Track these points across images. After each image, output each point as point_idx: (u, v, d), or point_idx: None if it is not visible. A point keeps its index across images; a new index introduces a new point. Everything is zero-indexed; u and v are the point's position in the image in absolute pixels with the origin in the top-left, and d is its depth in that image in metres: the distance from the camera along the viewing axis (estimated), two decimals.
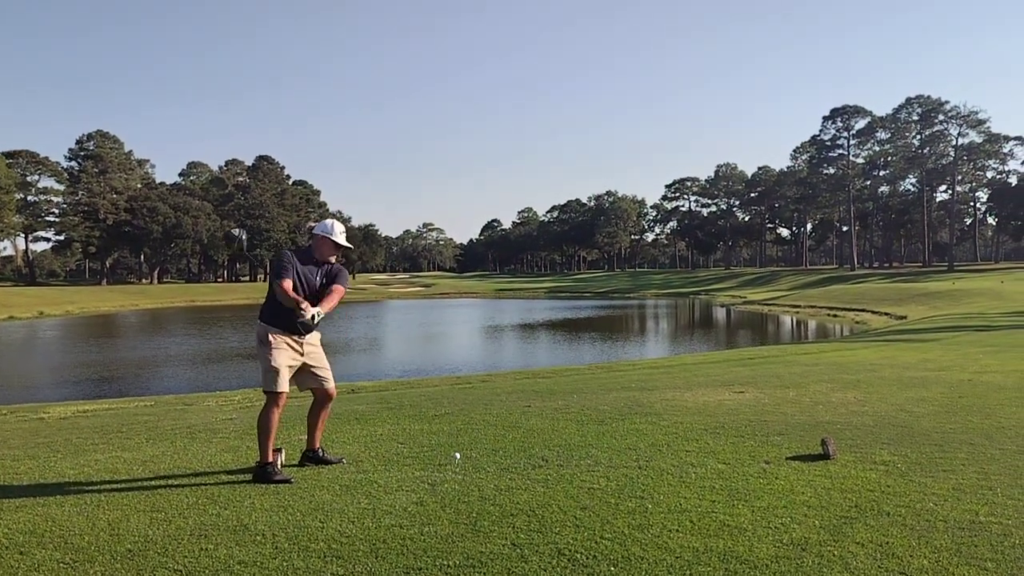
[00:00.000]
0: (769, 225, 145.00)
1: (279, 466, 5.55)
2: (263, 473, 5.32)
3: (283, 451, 5.80)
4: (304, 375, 5.68)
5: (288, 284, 5.40)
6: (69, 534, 4.21)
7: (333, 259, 5.78)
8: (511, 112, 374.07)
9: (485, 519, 4.30)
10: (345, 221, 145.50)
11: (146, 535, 4.16)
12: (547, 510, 4.45)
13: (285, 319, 5.47)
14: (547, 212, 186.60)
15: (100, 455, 6.48)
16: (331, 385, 5.86)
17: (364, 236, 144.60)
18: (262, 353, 5.50)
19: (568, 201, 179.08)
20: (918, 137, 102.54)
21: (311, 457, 5.82)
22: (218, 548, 3.93)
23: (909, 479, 4.96)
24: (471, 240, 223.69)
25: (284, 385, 5.46)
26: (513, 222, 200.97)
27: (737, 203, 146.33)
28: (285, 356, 5.48)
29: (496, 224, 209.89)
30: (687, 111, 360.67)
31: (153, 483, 5.35)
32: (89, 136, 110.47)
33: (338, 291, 5.63)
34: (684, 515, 4.30)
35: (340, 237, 5.69)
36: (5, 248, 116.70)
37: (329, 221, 5.76)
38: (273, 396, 5.46)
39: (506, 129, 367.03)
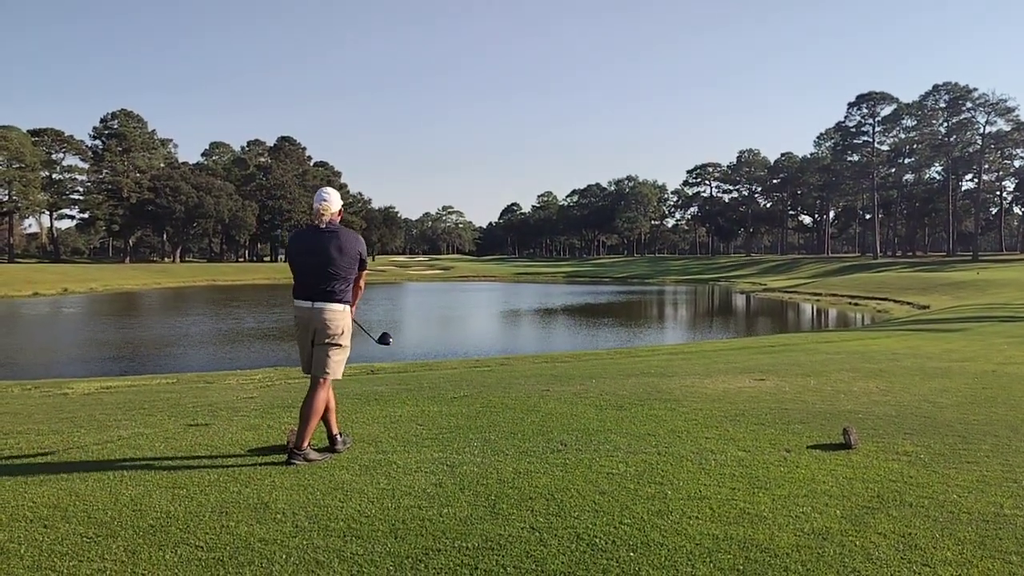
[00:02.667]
0: (791, 212, 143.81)
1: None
2: (302, 453, 5.28)
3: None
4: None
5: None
6: (92, 509, 4.26)
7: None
8: (533, 96, 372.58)
9: (504, 502, 4.30)
10: (366, 203, 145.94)
11: (168, 511, 4.20)
12: (566, 494, 4.44)
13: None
14: (567, 196, 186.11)
15: (123, 431, 6.54)
16: None
17: (384, 218, 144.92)
18: (347, 340, 5.50)
19: (588, 185, 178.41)
20: (944, 125, 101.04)
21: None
22: (239, 525, 3.96)
23: (932, 470, 4.91)
24: (490, 223, 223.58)
25: None
26: (533, 206, 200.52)
27: (759, 189, 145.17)
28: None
29: (516, 208, 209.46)
30: (710, 97, 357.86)
31: (175, 460, 5.40)
32: (113, 115, 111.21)
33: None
34: (704, 502, 4.28)
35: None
36: (30, 225, 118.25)
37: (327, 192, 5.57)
38: (333, 381, 5.50)
39: (528, 113, 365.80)
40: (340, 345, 5.42)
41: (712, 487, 4.57)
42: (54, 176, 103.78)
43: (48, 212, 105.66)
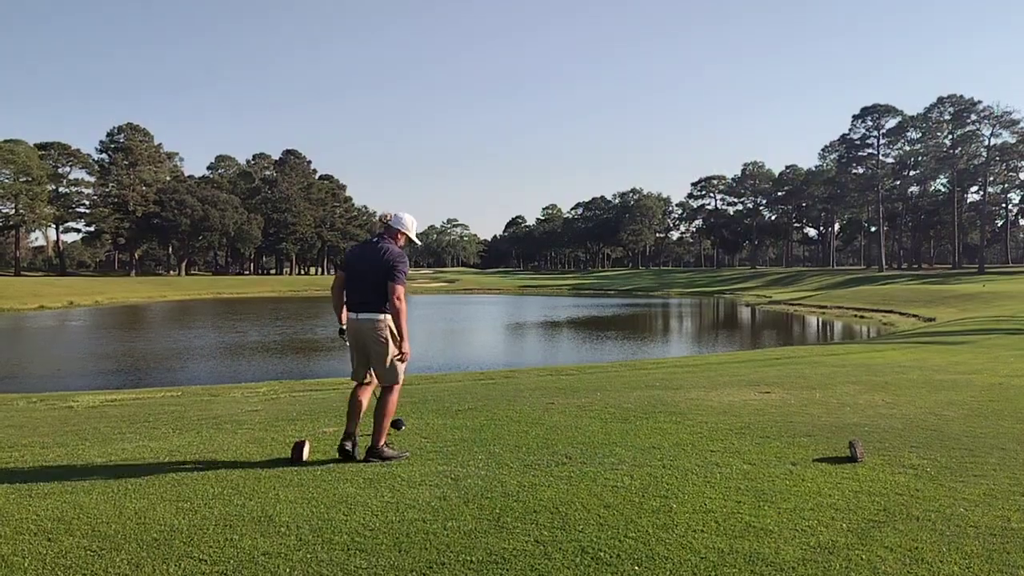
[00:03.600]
0: (796, 225, 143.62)
1: (303, 456, 5.60)
2: (378, 452, 5.63)
3: (308, 443, 5.83)
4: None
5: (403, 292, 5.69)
6: (97, 522, 4.26)
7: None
8: (538, 110, 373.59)
9: (508, 515, 4.29)
10: (371, 216, 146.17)
11: (172, 524, 4.20)
12: (571, 507, 4.43)
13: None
14: (572, 209, 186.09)
15: (128, 444, 6.55)
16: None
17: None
18: (393, 349, 5.67)
19: (593, 198, 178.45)
20: (949, 137, 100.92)
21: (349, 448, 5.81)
22: (243, 539, 3.96)
23: (939, 483, 4.89)
24: (495, 236, 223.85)
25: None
26: (537, 219, 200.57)
27: (764, 202, 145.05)
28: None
29: (520, 220, 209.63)
30: (714, 109, 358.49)
31: (179, 473, 5.40)
32: (120, 129, 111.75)
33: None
34: (709, 515, 4.26)
35: (413, 231, 6.03)
36: (37, 239, 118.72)
37: (413, 218, 6.04)
38: (399, 385, 5.80)
39: (532, 126, 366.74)
40: (386, 352, 5.74)
41: (718, 500, 4.55)
42: (60, 190, 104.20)
43: (54, 225, 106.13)
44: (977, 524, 4.07)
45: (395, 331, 5.65)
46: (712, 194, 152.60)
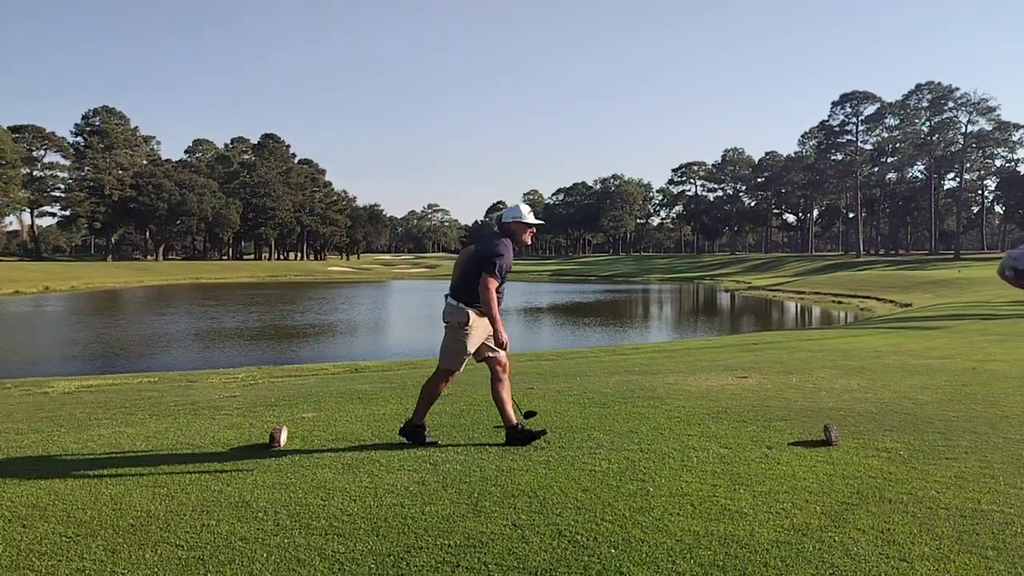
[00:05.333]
0: (775, 211, 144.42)
1: (280, 442, 5.59)
2: (415, 433, 5.60)
3: (285, 429, 5.82)
4: (481, 347, 5.73)
5: (495, 285, 5.51)
6: (72, 508, 4.23)
7: (529, 241, 5.93)
8: (519, 94, 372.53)
9: (486, 499, 4.31)
10: (351, 200, 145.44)
11: (148, 510, 4.18)
12: (548, 491, 4.45)
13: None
14: (552, 195, 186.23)
15: (104, 430, 6.50)
16: (503, 356, 5.84)
17: (369, 216, 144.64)
18: (459, 335, 5.58)
19: (574, 184, 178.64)
20: (927, 124, 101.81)
21: (515, 435, 5.66)
22: (220, 524, 3.95)
23: (911, 466, 4.96)
24: (476, 221, 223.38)
25: (462, 366, 5.70)
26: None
27: (744, 188, 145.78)
28: (478, 338, 5.62)
29: (501, 206, 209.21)
30: (695, 96, 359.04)
31: (156, 458, 5.37)
32: (95, 111, 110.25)
33: None
34: (685, 499, 4.30)
35: (531, 217, 5.81)
36: (11, 223, 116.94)
37: (521, 206, 5.85)
38: (451, 374, 5.68)
39: (513, 111, 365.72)
40: (446, 337, 5.72)
41: (694, 484, 4.59)
42: (35, 173, 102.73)
43: (29, 210, 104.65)
44: (948, 506, 4.14)
45: (460, 318, 5.57)
46: (692, 180, 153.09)
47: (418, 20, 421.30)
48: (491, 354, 5.73)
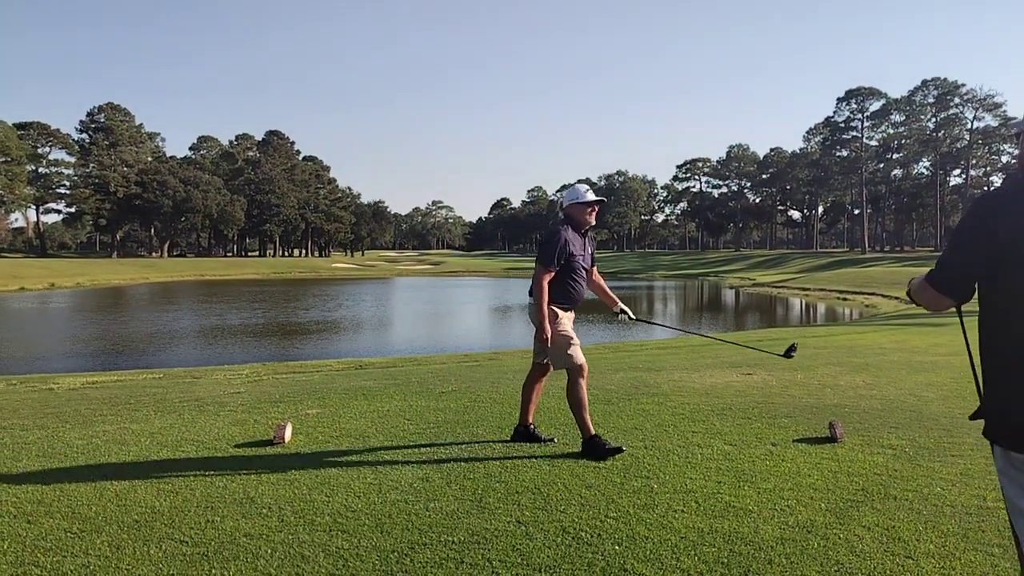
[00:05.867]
0: (780, 207, 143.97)
1: (285, 438, 5.59)
2: (594, 447, 5.17)
3: (290, 425, 5.82)
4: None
5: (546, 276, 5.35)
6: (77, 504, 4.24)
7: (593, 220, 5.73)
8: (524, 91, 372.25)
9: (490, 496, 4.31)
10: (355, 197, 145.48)
11: (153, 506, 4.19)
12: (552, 488, 4.45)
13: (570, 296, 5.48)
14: (557, 191, 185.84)
15: (108, 426, 6.52)
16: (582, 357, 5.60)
17: (374, 213, 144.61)
18: (555, 332, 5.34)
19: (578, 180, 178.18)
20: (933, 120, 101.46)
21: (523, 433, 5.59)
22: (224, 520, 3.95)
23: (917, 463, 4.94)
24: (480, 218, 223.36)
25: (583, 357, 5.42)
26: (522, 201, 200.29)
27: (748, 184, 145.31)
28: (570, 327, 5.45)
29: (505, 203, 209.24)
30: (700, 92, 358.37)
31: (161, 455, 5.38)
32: (100, 108, 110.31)
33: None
34: (689, 496, 4.30)
35: (589, 195, 5.66)
36: (16, 220, 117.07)
37: (578, 186, 5.70)
38: (579, 369, 5.37)
39: (518, 107, 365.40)
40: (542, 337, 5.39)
41: (698, 481, 4.58)
42: (40, 170, 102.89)
43: (34, 206, 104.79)
44: (953, 503, 4.13)
45: (550, 317, 5.36)
46: (697, 177, 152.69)
47: (423, 17, 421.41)
48: (543, 360, 5.49)
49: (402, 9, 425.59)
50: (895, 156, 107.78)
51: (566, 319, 5.44)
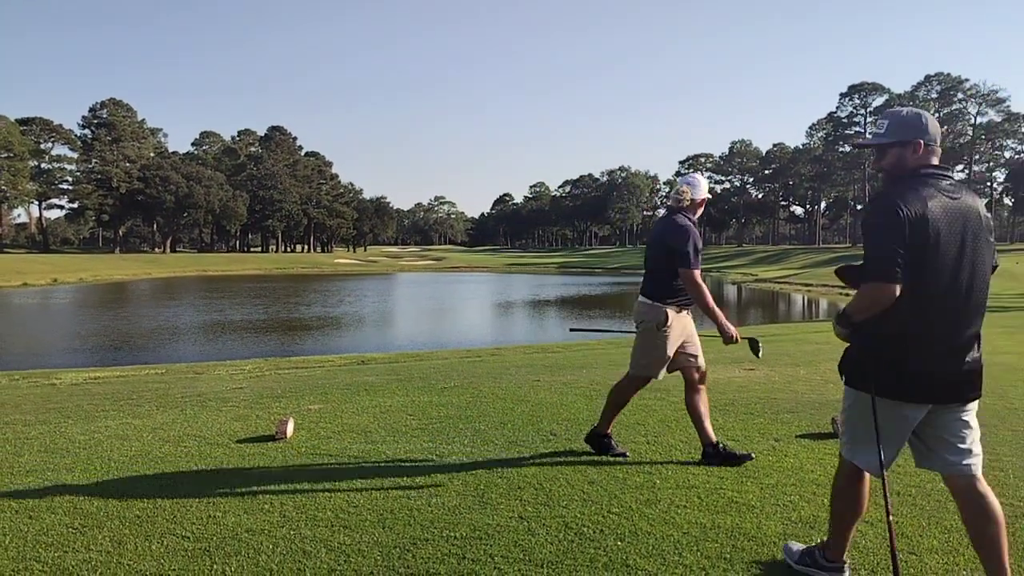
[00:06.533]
0: (783, 203, 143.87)
1: (287, 433, 5.58)
2: (601, 443, 5.07)
3: (292, 421, 5.82)
4: (677, 353, 5.02)
5: (699, 274, 4.92)
6: (79, 499, 4.24)
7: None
8: (526, 87, 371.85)
9: (492, 491, 4.30)
10: (357, 193, 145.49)
11: (155, 501, 4.19)
12: (555, 483, 4.44)
13: (685, 293, 4.96)
14: (559, 187, 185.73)
15: (111, 421, 6.52)
16: (703, 362, 5.12)
17: (376, 209, 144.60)
18: (656, 337, 4.89)
19: (581, 176, 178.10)
20: (936, 115, 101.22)
21: (714, 455, 4.91)
22: (226, 516, 3.95)
23: None
24: (482, 214, 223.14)
25: (663, 373, 4.98)
26: (525, 196, 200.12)
27: (751, 180, 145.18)
28: (676, 339, 4.94)
29: (508, 198, 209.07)
30: (703, 88, 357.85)
31: (162, 450, 5.37)
32: (102, 104, 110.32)
33: None
34: (692, 491, 4.29)
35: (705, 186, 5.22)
36: (19, 215, 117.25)
37: (699, 177, 5.26)
38: (644, 380, 5.05)
39: (520, 103, 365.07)
40: (640, 340, 5.01)
41: (701, 476, 4.57)
42: (43, 166, 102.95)
43: (37, 202, 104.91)
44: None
45: (658, 318, 4.87)
46: (700, 172, 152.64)
47: (424, 15, 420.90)
48: (690, 361, 5.04)
49: (404, 8, 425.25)
50: None
51: (678, 324, 4.96)
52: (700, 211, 5.19)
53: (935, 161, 2.99)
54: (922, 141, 2.96)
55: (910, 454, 5.03)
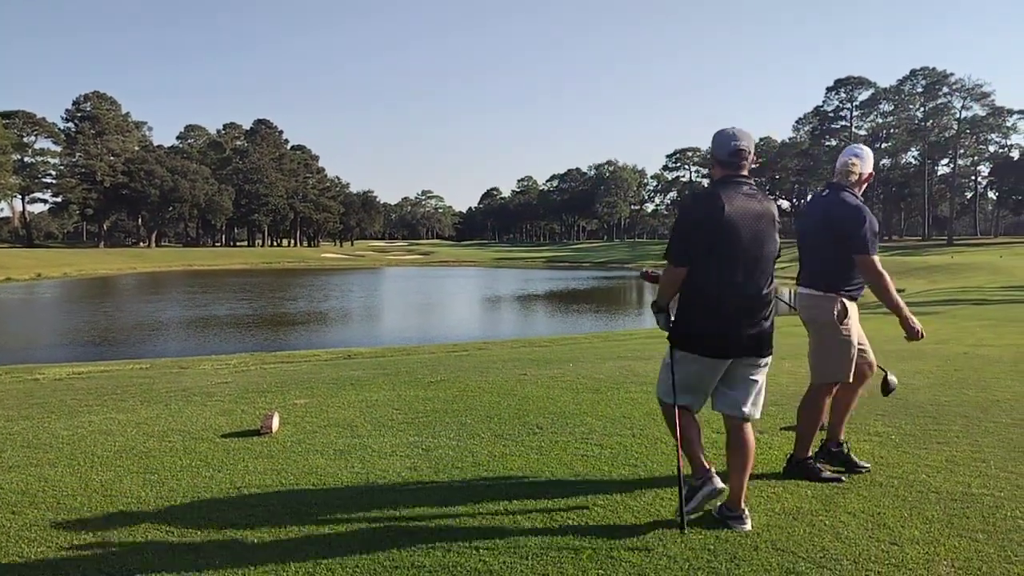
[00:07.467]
0: (770, 196, 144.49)
1: (272, 428, 5.56)
2: (807, 469, 4.40)
3: (277, 415, 5.80)
4: None
5: (878, 261, 4.35)
6: (62, 495, 4.22)
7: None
8: (513, 81, 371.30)
9: (478, 484, 4.31)
10: (344, 187, 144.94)
11: (139, 496, 4.17)
12: (540, 477, 4.45)
13: (858, 280, 4.42)
14: (547, 181, 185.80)
15: (94, 416, 6.48)
16: (872, 356, 4.66)
17: (363, 203, 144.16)
18: (835, 333, 4.38)
19: (568, 170, 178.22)
20: (921, 110, 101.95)
21: (834, 454, 4.58)
22: (211, 510, 3.94)
23: (903, 451, 4.97)
24: (470, 208, 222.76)
25: (852, 370, 4.44)
26: (512, 191, 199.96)
27: None
28: (856, 330, 4.47)
29: (495, 192, 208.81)
30: (689, 81, 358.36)
31: (147, 445, 5.35)
32: (86, 97, 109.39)
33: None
34: (676, 483, 4.29)
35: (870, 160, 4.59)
36: (2, 210, 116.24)
37: (854, 146, 4.64)
38: (832, 387, 4.50)
39: (507, 97, 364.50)
40: (816, 341, 4.55)
41: (686, 469, 4.58)
42: (26, 159, 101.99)
43: (20, 196, 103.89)
44: (939, 490, 4.15)
45: (838, 310, 4.37)
46: (687, 166, 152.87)
47: (410, 6, 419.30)
48: (863, 356, 4.56)
49: (392, 4, 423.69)
50: (884, 145, 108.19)
51: (856, 316, 4.49)
52: (863, 189, 4.56)
53: (741, 172, 3.71)
54: (718, 161, 3.73)
55: (879, 441, 5.09)
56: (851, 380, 4.47)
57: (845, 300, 4.37)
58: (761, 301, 3.67)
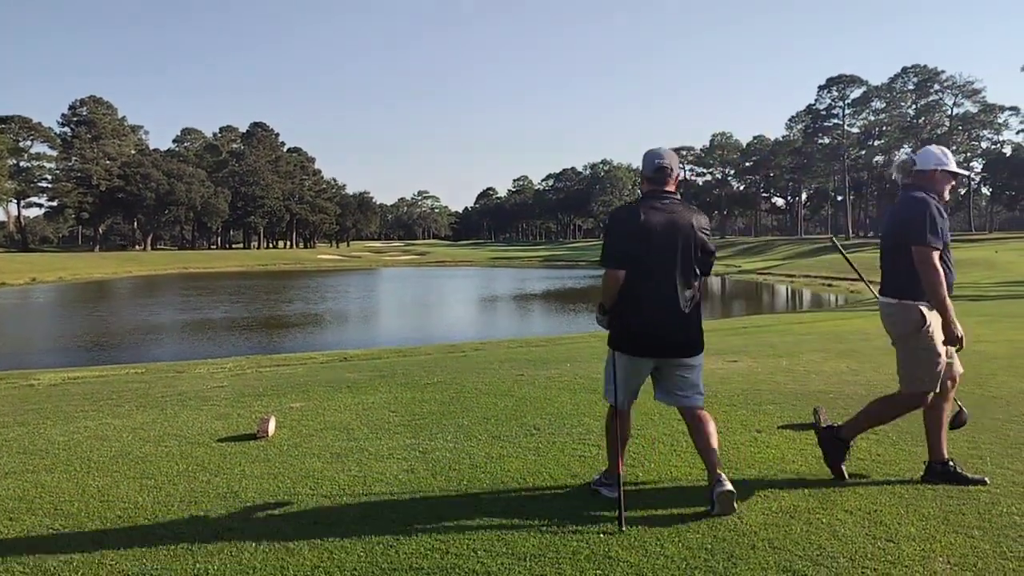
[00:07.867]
0: (764, 194, 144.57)
1: (268, 432, 5.55)
2: (948, 474, 4.22)
3: (273, 419, 5.80)
4: None
5: (937, 256, 4.10)
6: (59, 500, 4.21)
7: (947, 196, 4.44)
8: (506, 79, 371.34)
9: (475, 486, 4.31)
10: (340, 188, 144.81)
11: (136, 502, 4.16)
12: (538, 478, 4.45)
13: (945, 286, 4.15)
14: (542, 180, 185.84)
15: (90, 422, 6.47)
16: (960, 366, 4.48)
17: (359, 204, 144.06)
18: (918, 343, 4.21)
19: (563, 169, 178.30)
20: (913, 107, 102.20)
21: (940, 473, 4.25)
22: (208, 515, 3.93)
23: (899, 448, 4.98)
24: (466, 208, 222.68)
25: (939, 381, 4.26)
26: (508, 190, 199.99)
27: (732, 172, 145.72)
28: (941, 341, 4.22)
29: (491, 192, 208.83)
30: (683, 80, 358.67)
31: (143, 450, 5.34)
32: (82, 102, 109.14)
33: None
34: (674, 483, 4.31)
35: (952, 162, 4.38)
36: None
37: (935, 149, 4.48)
38: (925, 396, 4.27)
39: (501, 96, 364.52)
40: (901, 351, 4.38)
41: (683, 468, 4.60)
42: (21, 164, 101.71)
43: (16, 200, 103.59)
44: (935, 487, 4.16)
45: (914, 319, 4.21)
46: (681, 165, 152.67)
47: (408, 10, 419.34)
48: (949, 366, 4.35)
49: (387, 6, 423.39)
50: (877, 143, 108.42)
51: (938, 324, 4.20)
52: (943, 189, 4.37)
53: (665, 188, 4.08)
54: (645, 177, 4.17)
55: (876, 439, 5.10)
56: (939, 391, 4.28)
57: (924, 308, 4.17)
58: (680, 305, 3.94)
